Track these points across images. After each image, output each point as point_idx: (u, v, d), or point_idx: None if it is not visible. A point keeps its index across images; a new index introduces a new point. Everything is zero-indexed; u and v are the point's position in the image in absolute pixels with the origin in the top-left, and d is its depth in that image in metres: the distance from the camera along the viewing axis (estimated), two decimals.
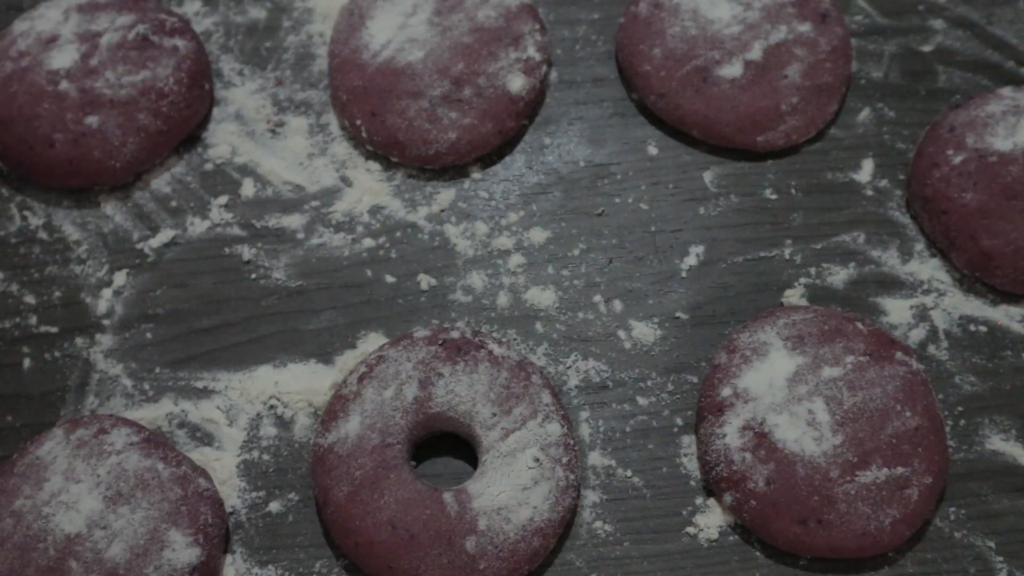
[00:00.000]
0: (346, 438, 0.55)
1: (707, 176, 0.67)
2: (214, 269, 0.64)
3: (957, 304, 0.62)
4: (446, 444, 0.58)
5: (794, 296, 0.63)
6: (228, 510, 0.57)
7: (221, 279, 0.64)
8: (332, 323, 0.62)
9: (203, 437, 0.59)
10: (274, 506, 0.57)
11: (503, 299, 0.63)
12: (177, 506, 0.53)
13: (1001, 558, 0.55)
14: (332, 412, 0.56)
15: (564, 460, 0.54)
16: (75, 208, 0.66)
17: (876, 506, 0.53)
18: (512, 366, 0.56)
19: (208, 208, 0.66)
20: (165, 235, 0.65)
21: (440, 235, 0.65)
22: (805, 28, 0.66)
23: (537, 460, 0.54)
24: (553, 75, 0.70)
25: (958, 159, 0.62)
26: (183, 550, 0.53)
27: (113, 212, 0.66)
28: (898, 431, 0.55)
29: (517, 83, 0.65)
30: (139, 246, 0.65)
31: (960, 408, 0.59)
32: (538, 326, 0.62)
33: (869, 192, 0.66)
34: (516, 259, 0.64)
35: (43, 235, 0.65)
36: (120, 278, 0.64)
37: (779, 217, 0.65)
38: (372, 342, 0.61)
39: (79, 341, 0.62)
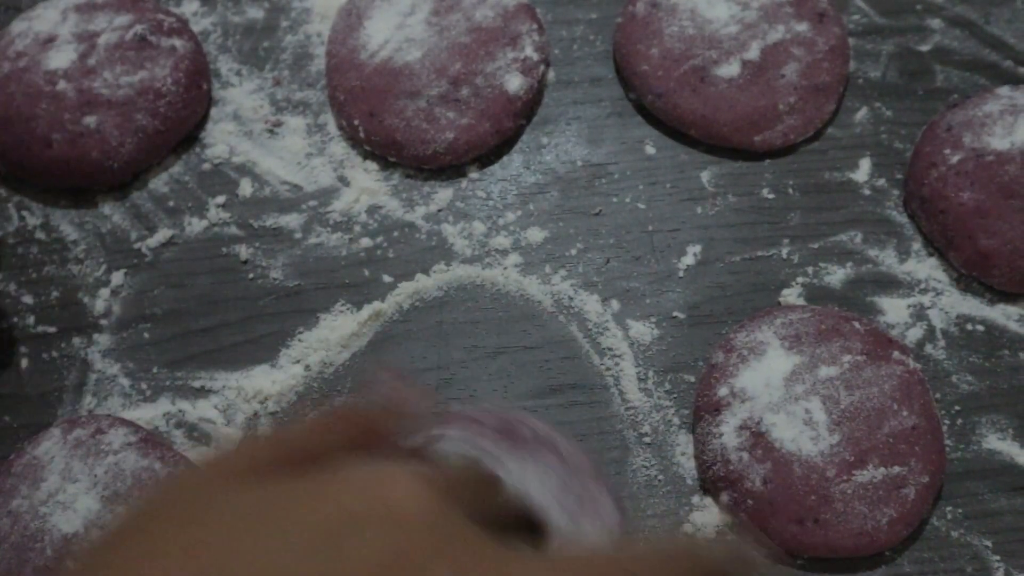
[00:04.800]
0: None
1: (705, 176, 0.67)
2: (211, 269, 0.64)
3: (954, 303, 0.62)
4: None
5: (791, 295, 0.63)
6: None
7: (218, 279, 0.64)
8: None
9: (201, 437, 0.59)
10: None
11: None
12: None
13: (998, 557, 0.55)
14: None
15: None
16: (73, 208, 0.66)
17: (873, 505, 0.53)
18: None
19: (206, 208, 0.66)
20: (163, 235, 0.65)
21: (437, 235, 0.65)
22: (803, 28, 0.66)
23: None
24: (551, 75, 0.70)
25: (955, 158, 0.62)
26: None
27: (111, 212, 0.66)
28: (895, 430, 0.55)
29: (515, 83, 0.65)
30: (137, 246, 0.65)
31: (957, 407, 0.59)
32: None
33: (867, 192, 0.66)
34: (513, 258, 0.64)
35: (41, 235, 0.65)
36: (118, 278, 0.64)
37: (776, 217, 0.65)
38: None
39: (77, 341, 0.62)
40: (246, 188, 0.66)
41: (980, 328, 0.62)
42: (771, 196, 0.66)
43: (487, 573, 0.30)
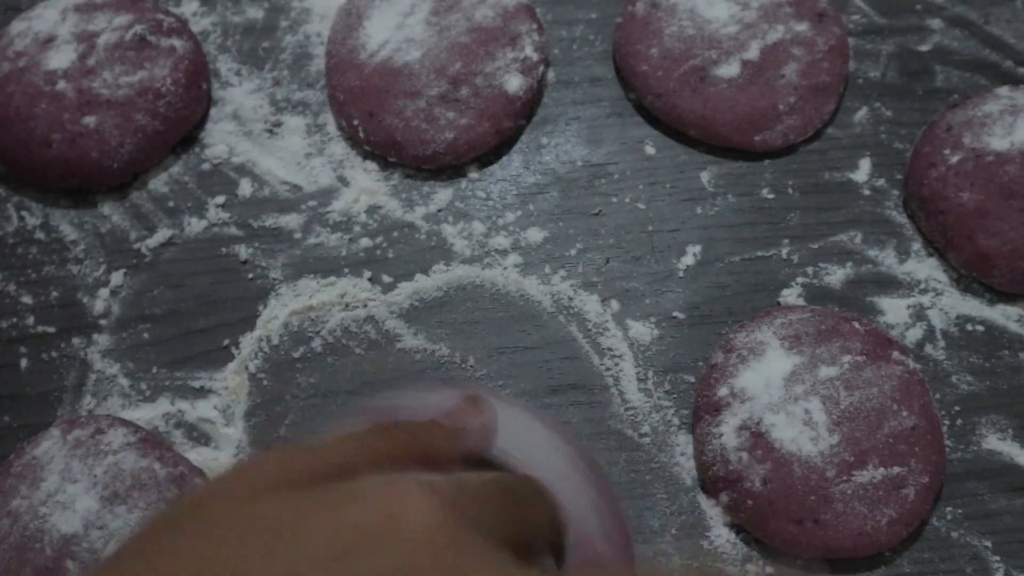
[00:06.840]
0: None
1: (704, 176, 0.67)
2: (211, 269, 0.64)
3: (954, 304, 0.62)
4: None
5: (791, 296, 0.63)
6: None
7: (218, 279, 0.64)
8: None
9: (200, 437, 0.59)
10: None
11: None
12: None
13: (997, 557, 0.55)
14: None
15: None
16: (72, 208, 0.66)
17: (873, 506, 0.53)
18: None
19: (205, 208, 0.66)
20: (162, 235, 0.65)
21: (437, 235, 0.65)
22: (802, 28, 0.66)
23: None
24: (550, 75, 0.70)
25: (955, 159, 0.62)
26: None
27: (110, 212, 0.66)
28: (895, 431, 0.55)
29: (514, 83, 0.65)
30: (136, 246, 0.65)
31: (957, 407, 0.59)
32: None
33: (866, 192, 0.66)
34: (513, 259, 0.64)
35: (40, 235, 0.65)
36: (117, 278, 0.64)
37: (776, 217, 0.65)
38: None
39: (76, 341, 0.62)
40: (246, 188, 0.66)
41: (980, 328, 0.62)
42: (771, 196, 0.66)
43: None
